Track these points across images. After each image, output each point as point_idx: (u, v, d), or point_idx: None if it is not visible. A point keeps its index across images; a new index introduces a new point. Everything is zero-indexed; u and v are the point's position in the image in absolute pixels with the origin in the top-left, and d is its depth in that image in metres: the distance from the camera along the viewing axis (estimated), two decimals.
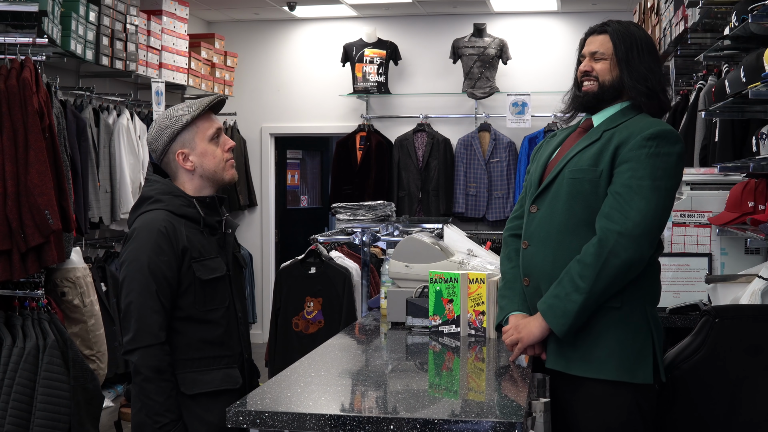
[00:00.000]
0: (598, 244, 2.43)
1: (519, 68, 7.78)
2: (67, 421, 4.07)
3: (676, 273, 3.87)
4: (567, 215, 2.55)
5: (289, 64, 8.31)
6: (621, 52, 2.59)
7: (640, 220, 2.40)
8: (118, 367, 5.18)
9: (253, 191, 8.25)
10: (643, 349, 2.50)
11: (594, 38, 2.67)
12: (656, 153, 2.44)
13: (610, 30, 2.63)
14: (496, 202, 7.59)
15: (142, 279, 2.49)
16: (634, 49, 2.59)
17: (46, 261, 4.19)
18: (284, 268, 5.05)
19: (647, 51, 2.61)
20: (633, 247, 2.40)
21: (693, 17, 4.18)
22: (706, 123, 4.46)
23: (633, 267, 2.43)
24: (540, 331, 2.53)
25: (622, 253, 2.40)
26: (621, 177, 2.47)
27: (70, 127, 4.98)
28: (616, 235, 2.41)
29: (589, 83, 2.63)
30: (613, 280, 2.43)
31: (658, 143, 2.45)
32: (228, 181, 2.68)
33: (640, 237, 2.40)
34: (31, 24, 4.30)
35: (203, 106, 2.62)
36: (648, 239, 2.42)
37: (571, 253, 2.52)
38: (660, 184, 2.43)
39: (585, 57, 2.67)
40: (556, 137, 2.76)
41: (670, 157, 2.45)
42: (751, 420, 2.73)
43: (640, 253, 2.42)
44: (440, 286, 3.10)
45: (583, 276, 2.43)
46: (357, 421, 2.04)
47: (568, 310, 2.45)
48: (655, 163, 2.44)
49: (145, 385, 2.47)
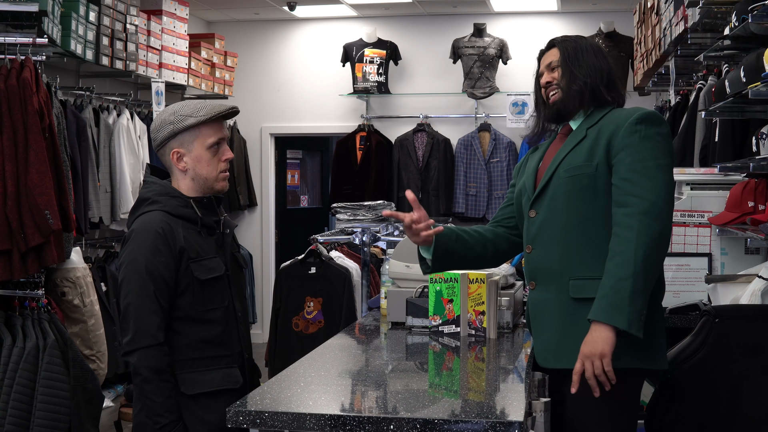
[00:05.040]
0: (625, 232, 2.44)
1: (519, 68, 7.77)
2: (67, 421, 4.07)
3: (676, 273, 3.86)
4: (569, 213, 2.57)
5: (289, 64, 8.31)
6: (567, 54, 2.70)
7: (655, 197, 2.45)
8: (118, 367, 5.17)
9: (253, 191, 8.25)
10: (659, 336, 2.55)
11: (546, 54, 2.78)
12: (647, 135, 2.53)
13: (557, 41, 2.76)
14: (496, 202, 7.58)
15: (140, 280, 2.49)
16: (579, 51, 2.71)
17: (46, 261, 4.19)
18: (284, 268, 5.04)
19: (592, 52, 2.71)
20: (659, 220, 2.45)
21: (693, 17, 4.17)
22: (706, 123, 4.45)
23: (663, 239, 2.47)
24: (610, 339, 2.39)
25: (651, 229, 2.43)
26: (623, 164, 2.52)
27: (70, 127, 4.97)
28: (639, 215, 2.43)
29: (554, 92, 2.70)
30: (652, 257, 2.43)
31: (647, 125, 2.54)
32: (218, 191, 2.67)
33: (661, 211, 2.45)
34: (31, 24, 4.29)
35: (211, 114, 2.60)
36: (666, 212, 2.48)
37: (578, 248, 2.54)
38: (660, 162, 2.50)
39: (543, 73, 2.76)
40: (538, 150, 2.82)
41: (661, 137, 2.54)
42: (752, 419, 2.73)
43: (667, 224, 2.48)
44: (440, 286, 3.10)
45: (621, 264, 2.41)
46: (357, 421, 2.04)
47: (621, 301, 2.38)
48: (650, 144, 2.52)
49: (145, 386, 2.47)
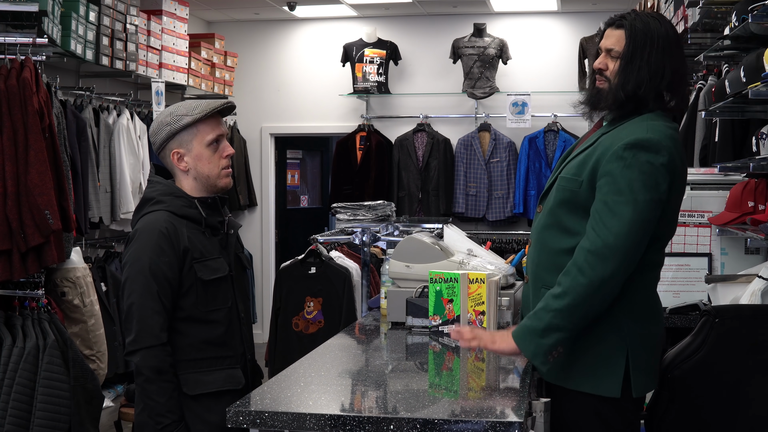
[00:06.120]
0: (571, 266, 2.32)
1: (519, 68, 7.78)
2: (67, 421, 4.07)
3: (676, 273, 3.87)
4: (552, 218, 2.48)
5: (289, 64, 8.31)
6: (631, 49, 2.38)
7: (612, 239, 2.25)
8: (118, 367, 5.17)
9: (253, 191, 8.25)
10: (611, 361, 2.37)
11: (610, 32, 2.46)
12: (632, 164, 2.27)
13: (627, 23, 2.41)
14: (496, 202, 7.59)
15: (143, 280, 2.49)
16: (647, 45, 2.37)
17: (46, 261, 4.19)
18: (284, 268, 5.05)
19: (662, 47, 2.38)
20: (607, 263, 2.25)
21: (693, 17, 4.17)
22: (706, 123, 4.45)
23: (608, 284, 2.27)
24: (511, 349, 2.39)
25: (588, 272, 2.26)
26: (599, 193, 2.33)
27: (70, 127, 4.97)
28: (585, 253, 2.28)
29: (602, 83, 2.46)
30: (582, 302, 2.28)
31: (636, 152, 2.28)
32: (222, 188, 2.67)
33: (613, 254, 2.25)
34: (31, 24, 4.29)
35: (207, 111, 2.60)
36: (619, 257, 2.26)
37: (553, 257, 2.45)
38: (637, 197, 2.26)
39: (602, 51, 2.47)
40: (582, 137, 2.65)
41: (652, 167, 2.27)
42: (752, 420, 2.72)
43: (618, 267, 2.26)
44: (440, 286, 3.10)
45: (555, 296, 2.32)
46: (357, 421, 2.04)
47: (535, 331, 2.32)
48: (631, 175, 2.27)
49: (147, 386, 2.47)
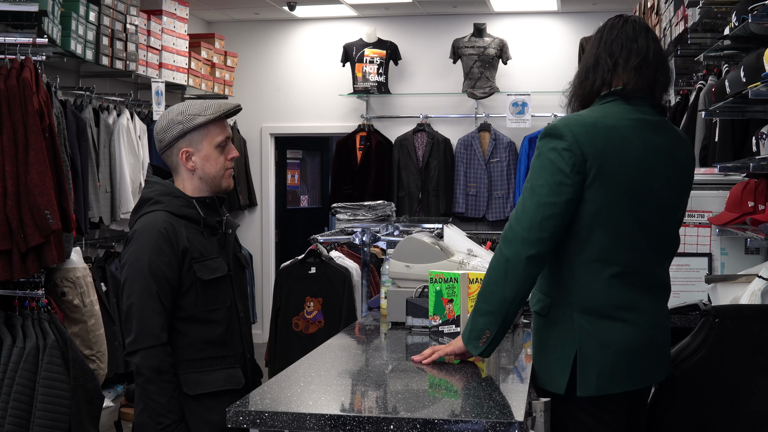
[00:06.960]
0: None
1: (519, 68, 7.78)
2: (67, 421, 4.07)
3: (676, 273, 3.86)
4: None
5: (289, 64, 8.31)
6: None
7: (515, 223, 2.37)
8: (118, 367, 5.18)
9: (253, 191, 8.25)
10: (562, 358, 2.41)
11: None
12: (540, 153, 2.38)
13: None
14: (496, 202, 7.59)
15: (143, 280, 2.49)
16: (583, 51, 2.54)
17: (46, 261, 4.19)
18: (284, 268, 5.05)
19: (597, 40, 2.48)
20: (507, 248, 2.37)
21: (693, 17, 4.18)
22: (706, 123, 4.45)
23: (512, 266, 2.36)
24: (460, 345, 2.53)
25: (497, 255, 2.40)
26: None
27: (70, 127, 4.98)
28: (501, 239, 2.43)
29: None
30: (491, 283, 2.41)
31: (544, 141, 2.38)
32: (224, 188, 2.70)
33: (515, 238, 2.36)
34: (31, 24, 4.29)
35: (220, 112, 2.62)
36: (521, 239, 2.35)
37: None
38: (537, 182, 2.35)
39: None
40: None
41: (555, 152, 2.33)
42: (751, 420, 2.72)
43: (513, 252, 2.36)
44: (440, 286, 3.10)
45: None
46: (357, 421, 2.04)
47: (470, 318, 2.47)
48: (538, 163, 2.37)
49: (147, 386, 2.47)
